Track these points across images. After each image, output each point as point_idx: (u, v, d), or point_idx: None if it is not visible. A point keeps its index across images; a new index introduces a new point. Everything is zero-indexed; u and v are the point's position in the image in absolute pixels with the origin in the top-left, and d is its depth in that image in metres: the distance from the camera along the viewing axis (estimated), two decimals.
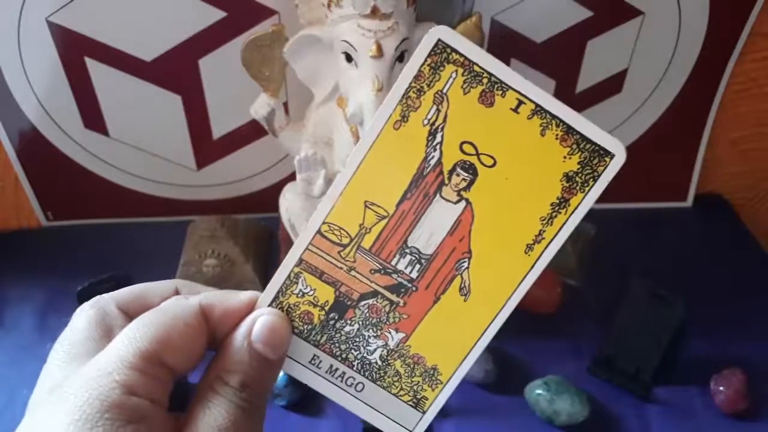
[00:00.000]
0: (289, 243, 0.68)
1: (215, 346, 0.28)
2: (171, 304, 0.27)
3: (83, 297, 0.58)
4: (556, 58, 0.71)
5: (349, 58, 0.53)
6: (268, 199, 0.73)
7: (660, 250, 0.77)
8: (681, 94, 0.75)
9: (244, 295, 0.28)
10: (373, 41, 0.51)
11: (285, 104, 0.71)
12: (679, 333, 0.59)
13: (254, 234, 0.75)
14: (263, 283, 0.72)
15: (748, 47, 0.72)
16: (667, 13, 0.69)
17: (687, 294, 0.57)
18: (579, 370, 0.62)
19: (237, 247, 0.70)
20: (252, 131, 0.73)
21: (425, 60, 0.26)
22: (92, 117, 0.73)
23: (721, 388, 0.59)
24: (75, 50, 0.67)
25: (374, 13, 0.51)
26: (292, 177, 0.64)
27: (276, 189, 0.69)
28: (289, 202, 0.65)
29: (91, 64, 0.68)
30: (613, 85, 0.74)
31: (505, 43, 0.70)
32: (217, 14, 0.65)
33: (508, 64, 0.71)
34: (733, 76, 0.74)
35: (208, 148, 0.76)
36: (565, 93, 0.74)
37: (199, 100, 0.72)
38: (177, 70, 0.69)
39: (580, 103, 0.75)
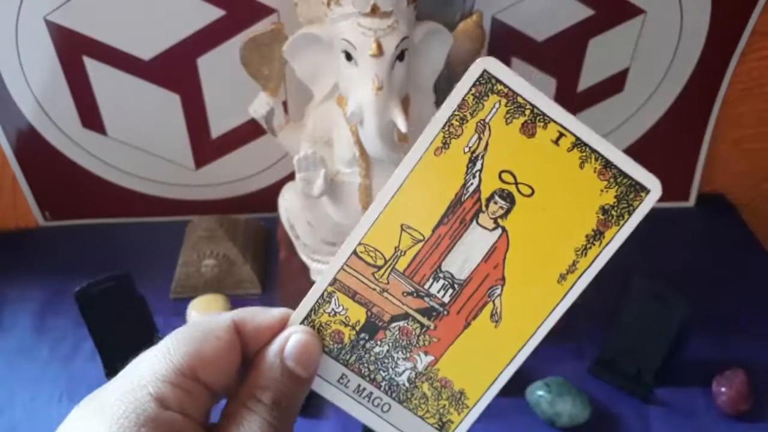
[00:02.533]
0: (288, 243, 0.68)
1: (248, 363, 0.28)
2: (203, 319, 0.28)
3: (81, 297, 0.57)
4: (558, 57, 0.71)
5: (348, 57, 0.53)
6: (267, 198, 0.73)
7: (662, 251, 0.76)
8: (683, 94, 0.75)
9: (276, 312, 0.29)
10: (373, 40, 0.51)
11: (284, 103, 0.71)
12: (680, 333, 0.58)
13: (253, 234, 0.75)
14: (262, 283, 0.71)
15: (749, 46, 0.72)
16: (669, 12, 0.69)
17: (689, 294, 0.57)
18: (580, 371, 0.62)
19: (236, 247, 0.70)
20: (251, 130, 0.73)
21: (470, 89, 0.27)
22: (90, 116, 0.72)
23: (723, 388, 0.58)
24: (73, 49, 0.67)
25: (374, 11, 0.50)
26: (291, 177, 0.63)
27: (275, 189, 0.69)
28: (288, 202, 0.65)
29: (89, 62, 0.68)
30: (614, 84, 0.74)
31: (506, 41, 0.69)
32: (216, 12, 0.65)
33: (508, 62, 0.71)
34: (735, 76, 0.74)
35: (206, 148, 0.76)
36: (566, 92, 0.73)
37: (197, 99, 0.71)
38: (175, 69, 0.69)
39: (582, 102, 0.74)
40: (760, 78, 0.75)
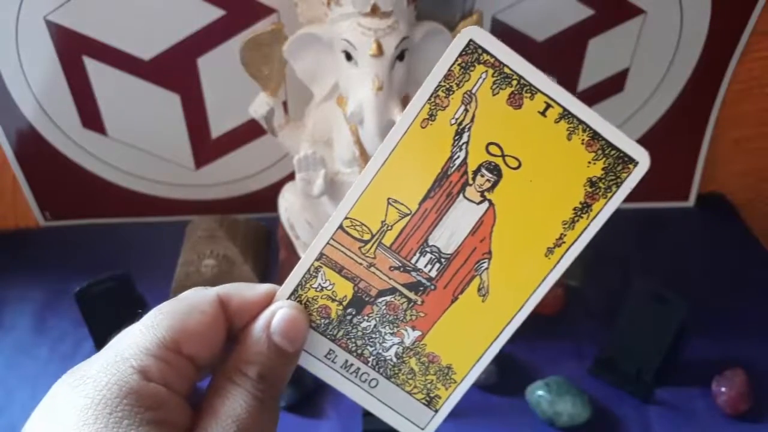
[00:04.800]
0: (288, 243, 0.68)
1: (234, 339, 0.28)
2: (189, 293, 0.27)
3: (81, 297, 0.57)
4: (558, 57, 0.71)
5: (348, 57, 0.53)
6: (267, 198, 0.73)
7: (662, 251, 0.76)
8: (683, 94, 0.75)
9: (263, 288, 0.28)
10: (373, 40, 0.51)
11: (284, 103, 0.70)
12: (680, 333, 0.58)
13: (253, 234, 0.75)
14: (262, 283, 0.71)
15: (750, 46, 0.72)
16: (669, 11, 0.69)
17: (688, 294, 0.57)
18: (580, 371, 0.62)
19: (236, 247, 0.70)
20: (251, 130, 0.73)
21: (456, 59, 0.27)
22: (90, 116, 0.72)
23: (723, 389, 0.58)
24: (73, 49, 0.67)
25: (374, 11, 0.50)
26: (291, 177, 0.63)
27: (275, 189, 0.69)
28: (288, 202, 0.65)
29: (89, 63, 0.68)
30: (614, 84, 0.74)
31: (506, 41, 0.69)
32: (216, 12, 0.65)
33: None
34: (735, 75, 0.74)
35: (206, 148, 0.76)
36: None
37: (197, 99, 0.71)
38: (175, 69, 0.69)
39: (582, 102, 0.74)
40: (760, 78, 0.75)
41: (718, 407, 0.59)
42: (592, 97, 0.75)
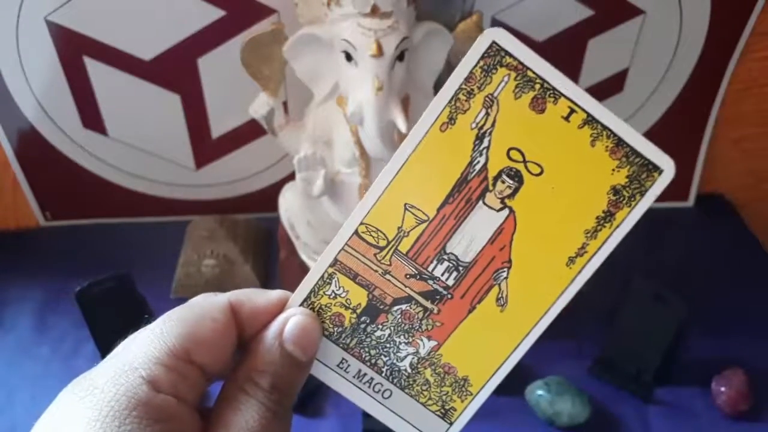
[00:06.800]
0: (288, 243, 0.68)
1: (244, 346, 0.27)
2: (199, 300, 0.27)
3: (81, 297, 0.57)
4: (557, 57, 0.70)
5: (348, 57, 0.53)
6: (267, 198, 0.73)
7: (661, 251, 0.76)
8: (682, 94, 0.75)
9: (274, 294, 0.28)
10: (373, 40, 0.51)
11: (284, 103, 0.70)
12: (680, 333, 0.58)
13: (254, 234, 0.75)
14: (262, 283, 0.71)
15: (749, 46, 0.72)
16: (669, 12, 0.69)
17: (688, 294, 0.57)
18: (580, 370, 0.62)
19: (236, 247, 0.70)
20: (251, 131, 0.73)
21: (478, 62, 0.26)
22: (91, 116, 0.72)
23: (723, 388, 0.58)
24: (74, 49, 0.67)
25: (374, 11, 0.50)
26: (291, 177, 0.63)
27: (275, 189, 0.69)
28: (288, 202, 0.65)
29: (89, 63, 0.68)
30: (614, 84, 0.74)
31: None
32: (216, 13, 0.65)
33: None
34: (734, 76, 0.74)
35: (207, 148, 0.76)
36: None
37: (198, 99, 0.71)
38: (176, 70, 0.69)
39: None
40: (760, 78, 0.75)
41: (717, 407, 0.59)
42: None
